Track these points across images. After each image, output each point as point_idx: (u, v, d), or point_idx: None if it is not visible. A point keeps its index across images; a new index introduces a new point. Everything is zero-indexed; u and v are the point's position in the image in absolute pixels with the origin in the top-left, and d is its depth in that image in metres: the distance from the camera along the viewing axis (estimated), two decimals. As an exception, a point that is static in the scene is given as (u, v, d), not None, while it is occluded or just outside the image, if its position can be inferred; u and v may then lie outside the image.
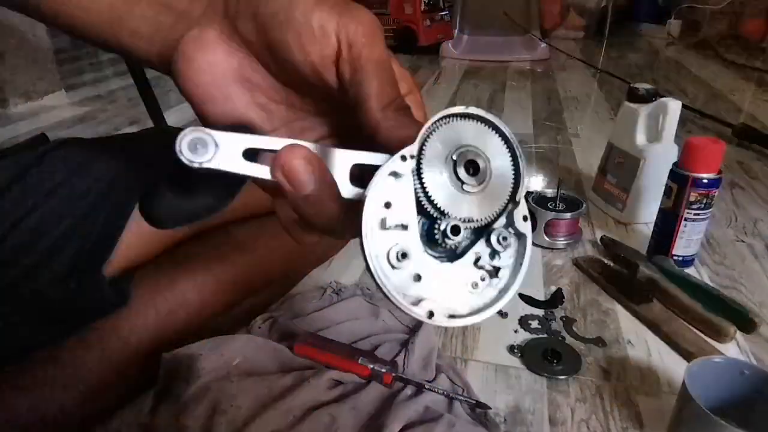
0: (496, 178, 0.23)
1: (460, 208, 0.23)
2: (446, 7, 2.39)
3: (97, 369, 0.45)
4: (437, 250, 0.23)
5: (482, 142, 0.23)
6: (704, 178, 0.67)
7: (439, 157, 0.22)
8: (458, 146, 0.23)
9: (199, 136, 0.22)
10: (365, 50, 0.24)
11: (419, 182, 0.22)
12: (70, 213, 0.47)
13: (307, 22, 0.23)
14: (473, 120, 0.23)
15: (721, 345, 0.60)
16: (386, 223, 0.22)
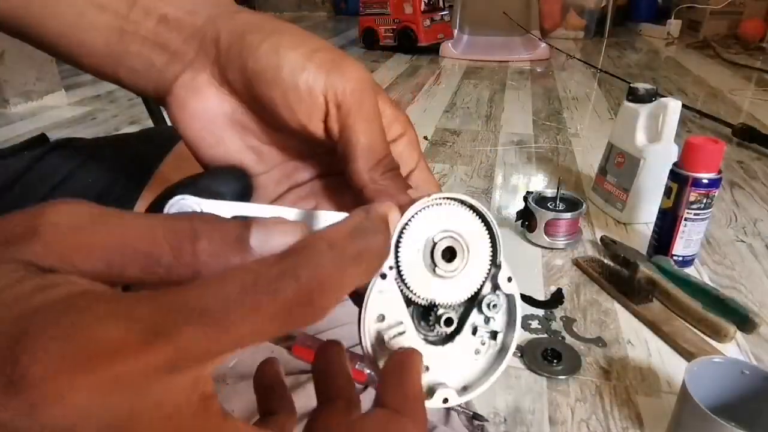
0: (473, 251, 0.24)
1: (447, 295, 0.24)
2: (446, 7, 2.39)
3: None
4: (435, 333, 0.25)
5: (450, 222, 0.24)
6: (704, 178, 0.67)
7: (415, 254, 0.23)
8: (429, 238, 0.24)
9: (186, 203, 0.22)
10: (353, 109, 0.24)
11: (404, 285, 0.23)
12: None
13: (294, 83, 0.24)
14: (434, 206, 0.24)
15: (721, 345, 0.60)
16: (385, 337, 0.23)
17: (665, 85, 1.79)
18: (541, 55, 2.24)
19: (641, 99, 0.83)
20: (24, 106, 1.53)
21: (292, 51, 0.24)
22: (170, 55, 0.27)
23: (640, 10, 3.00)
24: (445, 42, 2.32)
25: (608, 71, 1.94)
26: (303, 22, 3.49)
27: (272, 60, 0.24)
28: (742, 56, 2.22)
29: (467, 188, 1.02)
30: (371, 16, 2.37)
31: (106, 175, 0.51)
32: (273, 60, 0.24)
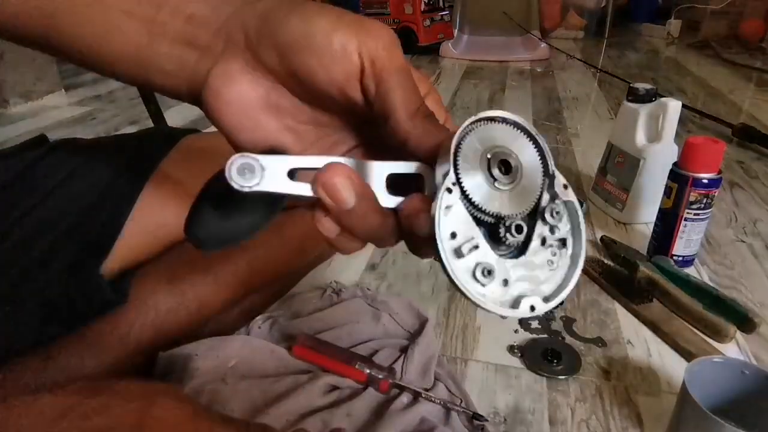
0: (527, 165, 0.25)
1: (510, 206, 0.25)
2: (446, 7, 2.39)
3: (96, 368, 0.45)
4: (508, 249, 0.25)
5: (501, 138, 0.25)
6: (704, 178, 0.67)
7: (474, 170, 0.24)
8: (485, 152, 0.25)
9: (247, 161, 0.24)
10: (387, 63, 0.25)
11: (468, 202, 0.24)
12: (69, 212, 0.47)
13: (328, 44, 0.24)
14: (484, 122, 0.25)
15: (721, 345, 0.60)
16: (461, 252, 0.23)
17: (665, 85, 1.79)
18: (541, 55, 2.24)
19: (641, 99, 0.83)
20: (24, 107, 1.53)
21: (319, 17, 0.25)
22: (201, 51, 0.27)
23: (640, 10, 3.00)
24: (445, 42, 2.32)
25: (608, 71, 1.94)
26: (303, 22, 3.49)
27: (302, 28, 0.25)
28: (742, 56, 2.21)
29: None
30: (371, 16, 2.37)
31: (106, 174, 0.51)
32: (303, 28, 0.25)
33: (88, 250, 0.46)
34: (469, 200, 0.24)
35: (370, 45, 0.25)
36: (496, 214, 0.24)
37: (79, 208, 0.48)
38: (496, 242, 0.25)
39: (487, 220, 0.24)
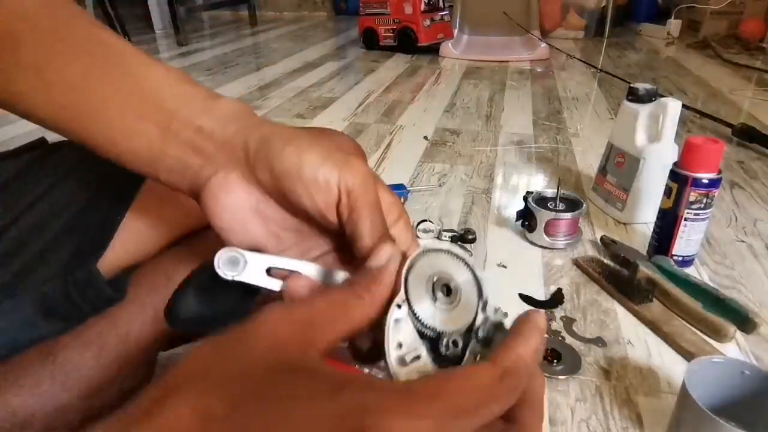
0: (465, 290, 0.30)
1: (449, 324, 0.29)
2: (446, 7, 2.39)
3: (95, 367, 0.44)
4: (446, 360, 0.29)
5: (445, 265, 0.30)
6: (704, 178, 0.67)
7: (420, 292, 0.29)
8: (431, 276, 0.29)
9: (234, 255, 0.29)
10: (360, 197, 0.30)
11: (414, 318, 0.28)
12: (66, 211, 0.47)
13: (314, 176, 0.30)
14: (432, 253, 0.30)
15: (721, 345, 0.60)
16: (404, 360, 0.28)
17: (665, 85, 1.79)
18: (541, 55, 2.24)
19: (641, 99, 0.83)
20: (24, 106, 1.53)
21: (310, 152, 0.30)
22: (204, 158, 0.32)
23: (640, 10, 3.00)
24: (445, 42, 2.32)
25: (608, 71, 1.94)
26: (303, 22, 3.49)
27: (295, 160, 0.30)
28: (742, 56, 2.22)
29: (467, 188, 1.02)
30: (371, 16, 2.37)
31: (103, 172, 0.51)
32: (296, 160, 0.30)
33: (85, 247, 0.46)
34: (415, 316, 0.28)
35: (349, 180, 0.30)
36: (436, 330, 0.29)
37: (77, 206, 0.48)
38: (436, 354, 0.29)
39: (429, 334, 0.28)
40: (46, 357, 0.43)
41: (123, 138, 0.33)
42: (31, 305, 0.43)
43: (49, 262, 0.44)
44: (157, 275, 0.50)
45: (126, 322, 0.47)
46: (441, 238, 0.82)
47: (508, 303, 0.68)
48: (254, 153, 0.31)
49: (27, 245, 0.44)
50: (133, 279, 0.48)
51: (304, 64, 2.17)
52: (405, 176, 1.07)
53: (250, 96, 1.69)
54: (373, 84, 1.83)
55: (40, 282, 0.43)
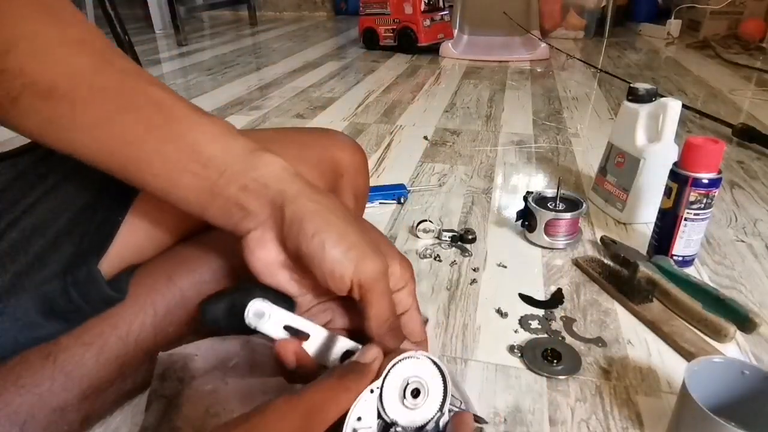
0: (431, 396, 0.36)
1: (405, 419, 0.35)
2: (446, 7, 2.39)
3: (95, 368, 0.44)
4: None
5: (423, 372, 0.36)
6: (704, 178, 0.67)
7: (394, 386, 0.35)
8: (406, 378, 0.35)
9: (262, 309, 0.37)
10: (370, 289, 0.36)
11: (381, 403, 0.34)
12: (67, 211, 0.47)
13: (331, 271, 0.36)
14: (414, 359, 0.36)
15: (721, 345, 0.60)
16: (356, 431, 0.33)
17: (665, 85, 1.79)
18: (541, 55, 2.24)
19: (641, 99, 0.83)
20: (24, 106, 1.53)
21: (333, 248, 0.35)
22: (246, 213, 0.38)
23: (640, 10, 3.00)
24: (445, 42, 2.32)
25: (608, 71, 1.94)
26: (303, 22, 3.49)
27: (319, 252, 0.35)
28: (742, 56, 2.22)
29: (467, 188, 1.02)
30: (371, 16, 2.37)
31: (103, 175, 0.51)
32: (319, 252, 0.35)
33: (86, 247, 0.46)
34: (381, 402, 0.34)
35: (362, 276, 0.36)
36: (393, 420, 0.35)
37: (77, 206, 0.48)
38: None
39: (386, 419, 0.35)
40: (46, 357, 0.43)
41: (174, 189, 0.38)
42: (31, 305, 0.43)
43: (50, 263, 0.44)
44: (157, 275, 0.50)
45: (126, 323, 0.47)
46: (441, 238, 0.82)
47: (508, 303, 0.68)
48: (288, 227, 0.36)
49: (28, 246, 0.44)
50: (134, 279, 0.48)
51: (304, 64, 2.17)
52: (405, 176, 1.07)
53: (250, 96, 1.69)
54: (373, 84, 1.83)
55: (40, 282, 0.43)
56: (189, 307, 0.50)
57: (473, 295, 0.70)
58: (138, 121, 0.37)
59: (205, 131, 0.38)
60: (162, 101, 0.38)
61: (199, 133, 0.38)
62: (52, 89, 0.36)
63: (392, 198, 0.96)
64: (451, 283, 0.72)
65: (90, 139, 0.37)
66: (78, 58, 0.37)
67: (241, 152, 0.38)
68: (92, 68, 0.37)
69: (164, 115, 0.38)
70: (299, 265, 0.38)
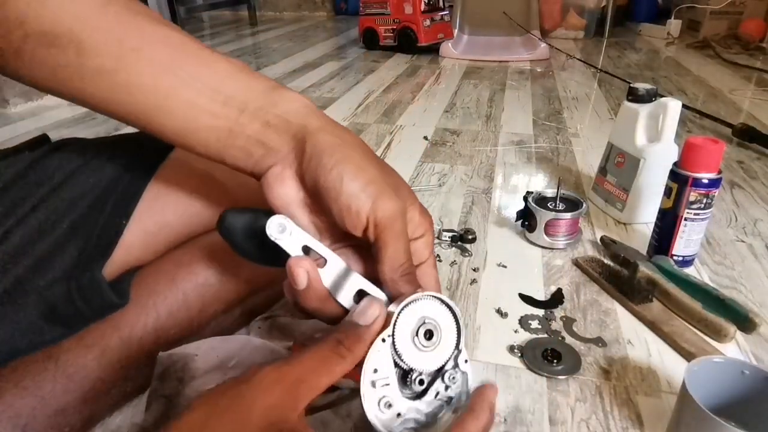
0: (444, 336, 0.35)
1: (422, 364, 0.34)
2: (446, 7, 2.38)
3: (97, 370, 0.45)
4: (411, 392, 0.35)
5: (433, 312, 0.35)
6: (704, 178, 0.67)
7: (406, 331, 0.34)
8: (419, 319, 0.34)
9: (284, 222, 0.35)
10: (386, 229, 0.34)
11: (395, 350, 0.33)
12: (70, 213, 0.47)
13: (348, 205, 0.34)
14: (423, 299, 0.34)
15: (721, 345, 0.60)
16: (375, 384, 0.33)
17: (665, 85, 1.79)
18: (541, 55, 2.24)
19: (641, 99, 0.83)
20: (24, 106, 1.53)
21: (352, 181, 0.34)
22: (267, 150, 0.36)
23: (640, 10, 2.99)
24: (445, 42, 2.31)
25: (608, 71, 1.94)
26: (303, 22, 3.49)
27: (336, 185, 0.34)
28: (742, 56, 2.21)
29: (467, 188, 1.02)
30: (371, 16, 2.37)
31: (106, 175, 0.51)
32: (337, 185, 0.34)
33: (89, 252, 0.46)
34: (395, 350, 0.33)
35: (378, 213, 0.34)
36: (409, 366, 0.34)
37: (80, 209, 0.48)
38: (404, 385, 0.34)
39: (403, 367, 0.34)
40: (48, 359, 0.43)
41: (192, 133, 0.36)
42: (34, 310, 0.43)
43: (53, 267, 0.44)
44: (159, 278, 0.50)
45: (128, 325, 0.47)
46: (441, 238, 0.82)
47: (508, 303, 0.68)
48: (307, 161, 0.35)
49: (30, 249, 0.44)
50: (135, 281, 0.49)
51: (304, 64, 2.17)
52: (405, 176, 1.07)
53: (251, 96, 1.69)
54: (373, 84, 1.84)
55: (43, 287, 0.43)
56: (191, 310, 0.50)
57: (473, 295, 0.70)
58: (149, 63, 0.35)
59: (220, 69, 0.36)
60: (172, 40, 0.36)
61: (215, 71, 0.36)
62: (55, 36, 0.34)
63: (392, 198, 0.96)
64: (451, 283, 0.72)
65: (99, 85, 0.35)
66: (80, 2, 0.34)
67: (261, 89, 0.37)
68: (95, 9, 0.35)
69: (176, 55, 0.36)
70: (317, 203, 0.36)
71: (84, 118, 1.46)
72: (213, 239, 0.54)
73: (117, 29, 0.35)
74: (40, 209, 0.46)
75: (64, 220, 0.47)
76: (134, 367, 0.47)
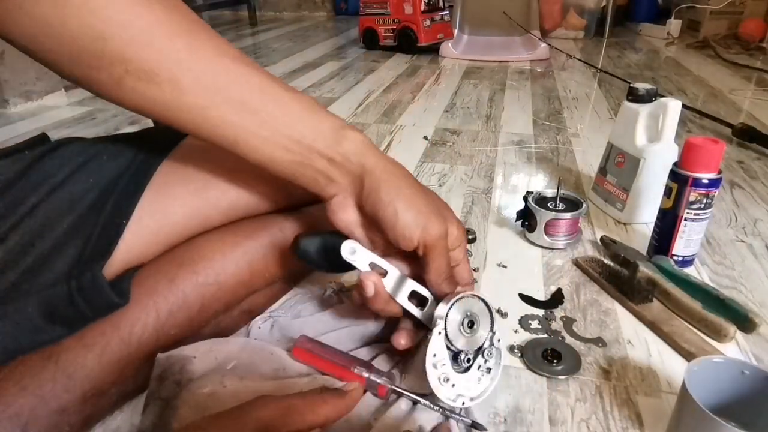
0: (482, 324, 0.48)
1: (467, 346, 0.47)
2: (446, 7, 2.38)
3: (97, 369, 0.45)
4: (460, 367, 0.47)
5: (472, 305, 0.47)
6: (704, 178, 0.67)
7: (454, 323, 0.46)
8: (464, 313, 0.46)
9: (354, 246, 0.46)
10: (432, 250, 0.45)
11: (447, 339, 0.46)
12: (70, 213, 0.47)
13: (402, 233, 0.44)
14: (465, 298, 0.47)
15: (721, 345, 0.60)
16: (435, 365, 0.45)
17: (665, 85, 1.79)
18: (541, 55, 2.24)
19: (641, 99, 0.83)
20: (24, 106, 1.53)
21: (404, 213, 0.44)
22: (330, 181, 0.46)
23: (640, 10, 3.00)
24: (445, 42, 2.31)
25: (608, 71, 1.94)
26: (303, 22, 3.49)
27: (392, 217, 0.44)
28: (742, 56, 2.21)
29: (467, 188, 1.02)
30: (371, 16, 2.37)
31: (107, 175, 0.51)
32: (393, 217, 0.44)
33: (90, 251, 0.46)
34: (448, 338, 0.45)
35: (427, 237, 0.44)
36: (459, 349, 0.46)
37: (80, 209, 0.48)
38: (455, 362, 0.47)
39: (453, 350, 0.46)
40: (48, 359, 0.43)
41: (270, 162, 0.45)
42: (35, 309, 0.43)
43: (54, 266, 0.44)
44: (159, 277, 0.50)
45: (128, 324, 0.47)
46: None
47: (508, 303, 0.68)
48: (366, 196, 0.44)
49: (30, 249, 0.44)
50: (135, 280, 0.48)
51: (304, 64, 2.17)
52: (405, 176, 1.07)
53: (251, 96, 1.69)
54: (373, 84, 1.84)
55: (44, 286, 0.43)
56: (191, 309, 0.50)
57: (473, 296, 0.70)
58: (235, 103, 0.42)
59: (294, 111, 0.43)
60: (253, 80, 0.43)
61: (289, 112, 0.43)
62: (153, 74, 0.39)
63: (392, 198, 0.96)
64: (451, 284, 0.72)
65: (194, 119, 0.42)
66: (173, 42, 0.40)
67: (327, 130, 0.44)
68: (188, 51, 0.40)
69: (257, 96, 0.42)
70: (373, 225, 0.46)
71: (84, 118, 1.46)
72: (212, 238, 0.54)
73: (208, 71, 0.41)
74: (40, 209, 0.46)
75: (64, 220, 0.47)
76: (134, 367, 0.47)
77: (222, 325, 0.55)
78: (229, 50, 0.43)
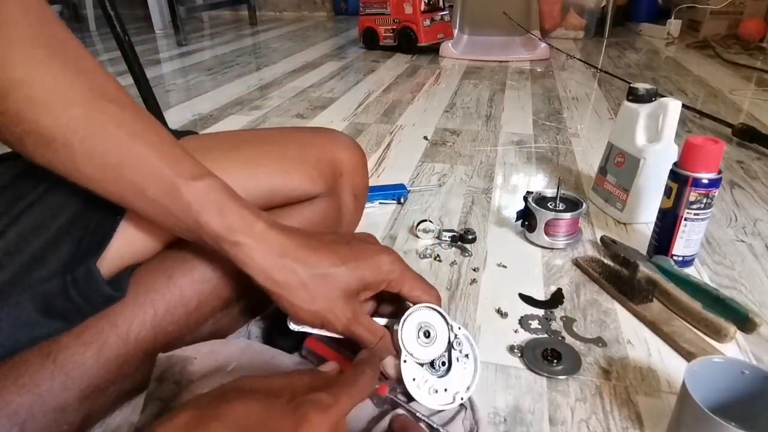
0: (438, 328, 0.48)
1: (435, 351, 0.48)
2: (446, 7, 2.38)
3: (95, 367, 0.44)
4: (440, 370, 0.48)
5: (420, 318, 0.48)
6: (704, 178, 0.67)
7: (413, 342, 0.47)
8: (417, 325, 0.48)
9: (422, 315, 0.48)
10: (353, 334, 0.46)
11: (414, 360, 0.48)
12: (66, 210, 0.47)
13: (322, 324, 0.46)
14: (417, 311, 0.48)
15: (721, 345, 0.60)
16: (419, 386, 0.47)
17: (665, 85, 1.79)
18: (541, 55, 2.24)
19: (641, 99, 0.83)
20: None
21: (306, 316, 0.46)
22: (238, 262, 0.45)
23: (640, 10, 3.00)
24: (445, 42, 2.31)
25: (608, 71, 1.94)
26: (303, 22, 3.49)
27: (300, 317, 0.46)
28: (742, 56, 2.21)
29: (467, 188, 1.02)
30: (371, 16, 2.37)
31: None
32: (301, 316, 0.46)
33: (85, 245, 0.46)
34: (414, 360, 0.47)
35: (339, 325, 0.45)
36: (430, 360, 0.48)
37: (76, 205, 0.48)
38: (435, 369, 0.48)
39: (426, 363, 0.48)
40: (46, 356, 0.43)
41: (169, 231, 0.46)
42: (31, 304, 0.43)
43: (49, 262, 0.44)
44: (157, 275, 0.50)
45: (126, 322, 0.47)
46: (441, 238, 0.82)
47: (508, 303, 0.68)
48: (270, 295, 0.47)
49: (26, 245, 0.44)
50: (133, 278, 0.48)
51: (304, 64, 2.17)
52: (405, 176, 1.07)
53: (250, 96, 1.69)
54: (373, 84, 1.83)
55: (39, 281, 0.43)
56: (188, 306, 0.50)
57: (473, 295, 0.70)
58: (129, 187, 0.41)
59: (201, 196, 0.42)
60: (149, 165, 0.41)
61: (194, 196, 0.42)
62: (50, 140, 0.38)
63: (392, 198, 0.96)
64: (451, 283, 0.72)
65: (92, 187, 0.42)
66: (69, 110, 0.38)
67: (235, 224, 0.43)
68: (84, 121, 0.39)
69: (157, 175, 0.41)
70: None
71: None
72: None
73: (99, 146, 0.40)
74: (36, 206, 0.46)
75: (60, 217, 0.47)
76: (132, 365, 0.47)
77: (221, 323, 0.55)
78: (128, 121, 0.42)
